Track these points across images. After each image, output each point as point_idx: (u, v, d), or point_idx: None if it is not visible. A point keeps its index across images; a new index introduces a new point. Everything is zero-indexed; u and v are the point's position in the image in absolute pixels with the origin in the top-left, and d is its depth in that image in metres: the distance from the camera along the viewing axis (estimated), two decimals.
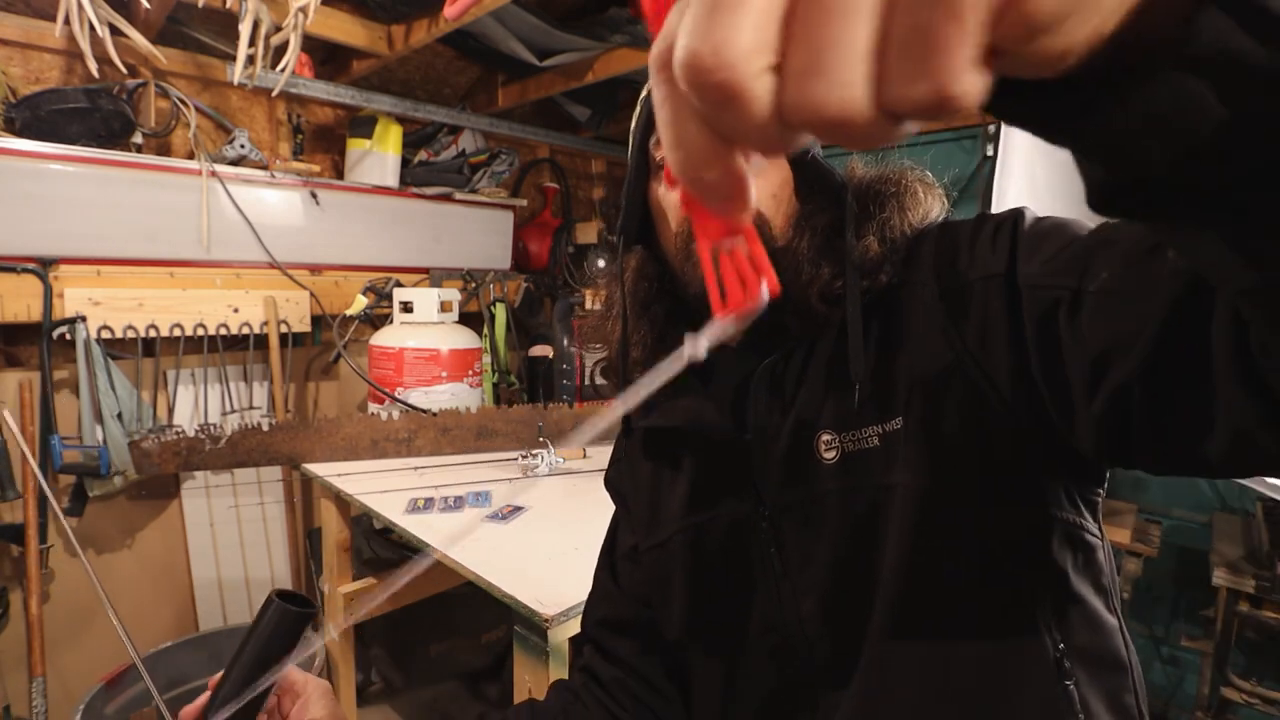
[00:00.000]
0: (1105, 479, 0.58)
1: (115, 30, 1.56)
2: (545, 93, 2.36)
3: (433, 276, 2.54)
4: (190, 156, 1.99)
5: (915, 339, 0.57)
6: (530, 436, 1.92)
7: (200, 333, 2.01)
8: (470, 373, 2.15)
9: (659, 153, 0.63)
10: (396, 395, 2.02)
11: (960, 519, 0.54)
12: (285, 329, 2.17)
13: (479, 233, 2.67)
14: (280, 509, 2.24)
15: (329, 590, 1.83)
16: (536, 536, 1.34)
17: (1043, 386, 0.49)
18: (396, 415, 1.85)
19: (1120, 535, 1.96)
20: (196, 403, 2.07)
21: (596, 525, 1.38)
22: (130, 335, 1.89)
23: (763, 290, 0.22)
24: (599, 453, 1.87)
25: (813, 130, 0.19)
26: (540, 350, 2.63)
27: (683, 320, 0.67)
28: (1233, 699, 1.86)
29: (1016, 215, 0.55)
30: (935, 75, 0.17)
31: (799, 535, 0.60)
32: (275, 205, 2.13)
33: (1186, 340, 0.38)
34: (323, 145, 2.39)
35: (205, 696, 0.59)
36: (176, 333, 1.96)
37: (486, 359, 2.43)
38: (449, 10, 1.64)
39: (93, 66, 1.57)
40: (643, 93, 0.64)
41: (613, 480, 0.82)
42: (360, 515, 1.83)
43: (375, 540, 2.10)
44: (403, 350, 2.05)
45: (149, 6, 1.66)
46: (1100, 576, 0.57)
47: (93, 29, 1.52)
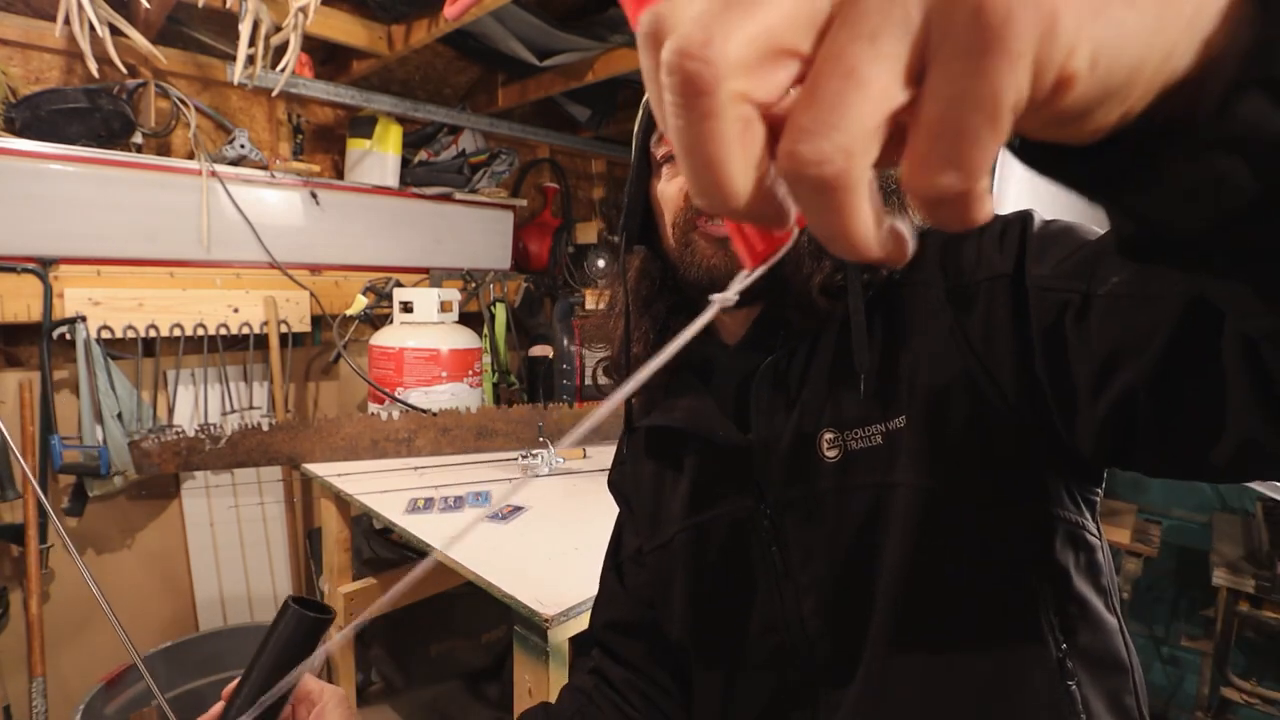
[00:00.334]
0: (1103, 479, 0.58)
1: (115, 30, 1.56)
2: (545, 93, 2.36)
3: (433, 276, 2.53)
4: (190, 156, 1.99)
5: (919, 337, 0.56)
6: (530, 436, 1.92)
7: (200, 333, 2.00)
8: (470, 373, 2.15)
9: (659, 152, 0.64)
10: (396, 395, 2.02)
11: (963, 518, 0.54)
12: (285, 329, 2.16)
13: (479, 233, 2.67)
14: (280, 509, 2.24)
15: (329, 590, 1.83)
16: (536, 536, 1.34)
17: (1047, 387, 0.49)
18: (396, 415, 1.85)
19: (1120, 535, 1.96)
20: (196, 403, 2.07)
21: (596, 525, 1.39)
22: (130, 335, 1.89)
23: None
24: (599, 453, 1.87)
25: (795, 186, 0.18)
26: (540, 350, 2.62)
27: (684, 315, 0.67)
28: (1233, 699, 1.86)
29: (1025, 217, 0.54)
30: (965, 166, 0.17)
31: (800, 534, 0.60)
32: (275, 205, 2.13)
33: (1196, 346, 0.38)
34: (323, 145, 2.39)
35: (219, 706, 0.58)
36: (176, 333, 1.96)
37: (486, 359, 2.43)
38: (449, 10, 1.64)
39: (93, 66, 1.57)
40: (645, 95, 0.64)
41: (616, 483, 0.82)
42: (360, 515, 1.83)
43: (375, 540, 2.10)
44: (403, 350, 2.05)
45: (149, 6, 1.65)
46: (1100, 576, 0.57)
47: (93, 29, 1.52)
